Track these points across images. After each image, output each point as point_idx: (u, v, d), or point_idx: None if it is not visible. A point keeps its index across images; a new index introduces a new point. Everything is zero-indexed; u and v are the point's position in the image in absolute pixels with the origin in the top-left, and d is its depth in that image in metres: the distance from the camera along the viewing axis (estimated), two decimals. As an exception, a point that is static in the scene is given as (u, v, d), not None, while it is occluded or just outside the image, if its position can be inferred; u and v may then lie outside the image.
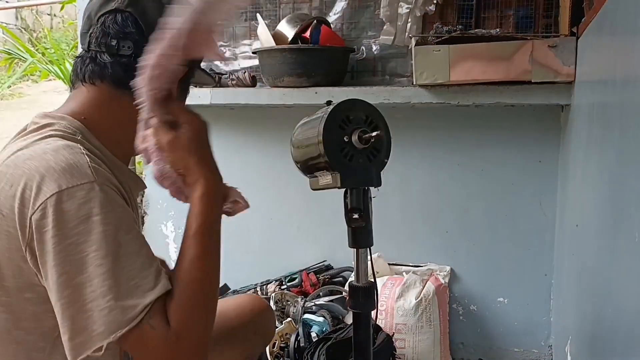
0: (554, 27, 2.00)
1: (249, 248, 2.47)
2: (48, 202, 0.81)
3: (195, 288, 0.87)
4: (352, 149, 1.05)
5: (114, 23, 0.96)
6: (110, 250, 0.81)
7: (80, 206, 0.81)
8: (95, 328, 0.79)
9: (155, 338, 0.81)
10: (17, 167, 0.86)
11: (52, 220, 0.80)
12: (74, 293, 0.80)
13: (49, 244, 0.80)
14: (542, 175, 2.11)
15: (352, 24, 2.31)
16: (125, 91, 0.94)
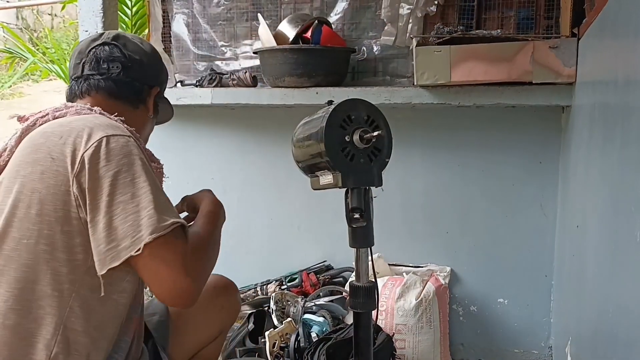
0: (554, 28, 2.01)
1: (249, 248, 2.46)
2: (97, 142, 1.01)
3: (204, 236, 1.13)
4: (354, 148, 1.05)
5: (103, 51, 1.22)
6: (149, 178, 1.01)
7: (123, 146, 1.03)
8: (138, 232, 0.96)
9: (178, 245, 0.99)
10: (64, 126, 1.06)
11: (104, 154, 1.00)
12: (122, 207, 0.97)
13: (101, 171, 0.99)
14: (542, 176, 2.11)
15: (353, 25, 2.31)
16: (117, 101, 1.21)
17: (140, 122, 1.24)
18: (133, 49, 1.25)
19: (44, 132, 1.06)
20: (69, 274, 1.01)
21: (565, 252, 1.89)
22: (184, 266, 0.98)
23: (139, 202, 0.98)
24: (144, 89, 1.26)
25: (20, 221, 1.01)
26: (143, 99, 1.26)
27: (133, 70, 1.23)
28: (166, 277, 0.98)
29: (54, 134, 1.04)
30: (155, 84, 1.29)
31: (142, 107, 1.26)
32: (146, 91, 1.26)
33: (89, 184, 0.99)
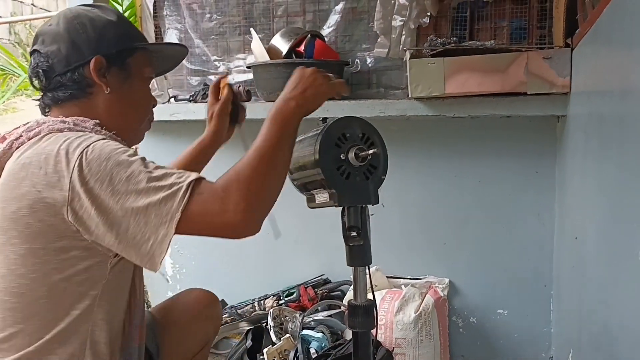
0: (547, 38, 2.01)
1: (247, 263, 2.45)
2: (77, 161, 0.96)
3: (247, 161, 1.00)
4: (349, 166, 1.04)
5: (29, 65, 1.16)
6: (138, 164, 0.97)
7: (101, 150, 0.97)
8: (164, 216, 0.93)
9: (205, 200, 0.95)
10: (40, 154, 1.00)
11: (89, 169, 0.95)
12: (129, 216, 0.94)
13: (95, 185, 0.95)
14: (539, 185, 2.10)
15: (346, 37, 2.31)
16: (69, 104, 1.13)
17: (106, 106, 1.13)
18: (50, 39, 1.13)
19: (23, 164, 1.01)
20: (88, 290, 1.01)
21: (564, 263, 1.88)
22: (222, 203, 0.95)
23: (147, 194, 0.94)
24: (78, 75, 1.11)
25: (23, 257, 0.99)
26: (87, 83, 1.12)
27: (56, 67, 1.12)
28: (216, 228, 0.96)
29: (32, 165, 1.00)
30: (87, 58, 1.11)
31: (95, 90, 1.13)
32: (84, 74, 1.12)
33: (91, 205, 0.95)
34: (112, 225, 0.95)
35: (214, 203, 0.95)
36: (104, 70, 1.12)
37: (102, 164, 0.96)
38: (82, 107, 1.12)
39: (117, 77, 1.14)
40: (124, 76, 1.16)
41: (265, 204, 1.01)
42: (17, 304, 1.00)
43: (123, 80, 1.16)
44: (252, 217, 0.97)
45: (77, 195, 0.95)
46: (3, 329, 1.00)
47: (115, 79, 1.14)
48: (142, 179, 0.95)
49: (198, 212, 0.95)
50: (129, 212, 0.94)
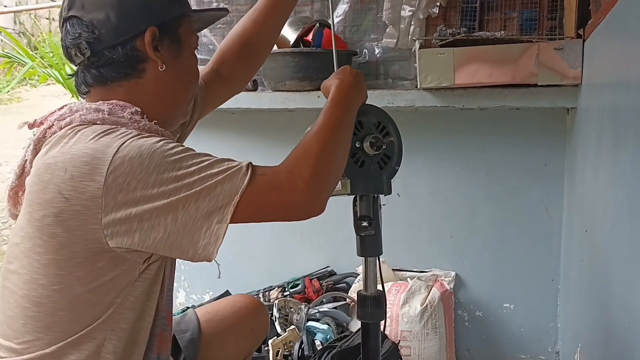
0: (558, 29, 1.98)
1: (252, 254, 2.44)
2: (110, 162, 0.86)
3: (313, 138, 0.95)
4: (364, 155, 1.03)
5: (66, 33, 0.99)
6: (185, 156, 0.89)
7: (138, 147, 0.87)
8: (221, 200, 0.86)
9: (271, 179, 0.89)
10: (65, 153, 0.91)
11: (124, 173, 0.86)
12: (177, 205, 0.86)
13: (135, 185, 0.86)
14: (548, 178, 2.09)
15: (354, 27, 2.28)
16: (115, 84, 1.00)
17: (158, 86, 1.01)
18: (92, 3, 0.97)
19: (47, 165, 0.92)
20: (112, 299, 0.95)
21: (572, 257, 1.86)
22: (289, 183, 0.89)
23: (201, 181, 0.87)
24: (130, 49, 0.98)
25: (46, 268, 0.92)
26: (141, 58, 0.99)
27: (104, 39, 0.97)
28: (283, 208, 0.91)
29: (57, 166, 0.90)
30: (143, 27, 0.97)
31: (148, 67, 1.00)
32: (139, 47, 0.98)
33: (132, 206, 0.87)
34: (157, 221, 0.87)
35: (280, 181, 0.90)
36: (158, 43, 0.99)
37: (144, 162, 0.87)
38: (129, 88, 1.00)
39: (170, 51, 1.01)
40: (176, 49, 1.03)
41: (332, 181, 0.95)
42: (37, 313, 0.94)
43: (176, 55, 1.03)
44: (321, 194, 0.92)
45: (112, 199, 0.87)
46: (23, 334, 0.95)
47: (167, 53, 1.01)
48: (193, 169, 0.88)
49: (262, 194, 0.89)
50: (177, 203, 0.86)
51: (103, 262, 0.91)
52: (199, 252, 0.88)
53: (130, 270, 0.94)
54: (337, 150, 0.96)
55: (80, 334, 0.95)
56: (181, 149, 0.90)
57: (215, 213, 0.87)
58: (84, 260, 0.91)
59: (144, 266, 0.95)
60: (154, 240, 0.88)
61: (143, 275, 0.97)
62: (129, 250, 0.91)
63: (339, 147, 0.97)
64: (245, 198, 0.87)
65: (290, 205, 0.91)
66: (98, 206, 0.87)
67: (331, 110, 1.00)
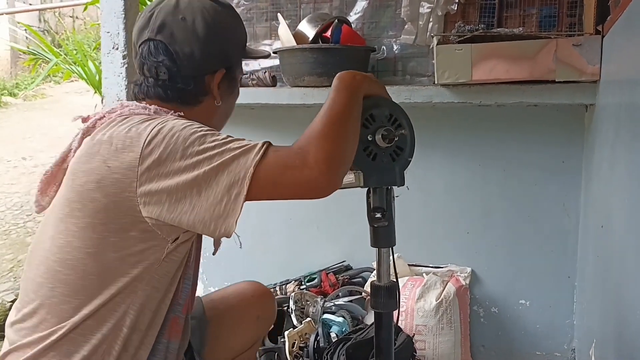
0: (577, 26, 1.97)
1: (268, 248, 2.47)
2: (148, 136, 0.96)
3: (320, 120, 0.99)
4: (376, 147, 1.04)
5: (149, 53, 1.10)
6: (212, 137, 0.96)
7: (172, 125, 0.97)
8: (238, 174, 0.92)
9: (284, 155, 0.94)
10: (112, 131, 1.01)
11: (157, 142, 0.95)
12: (201, 179, 0.93)
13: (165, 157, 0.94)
14: (565, 175, 2.08)
15: (372, 24, 2.30)
16: (173, 104, 1.11)
17: (205, 115, 1.13)
18: (182, 38, 1.09)
19: (97, 140, 1.02)
20: (138, 273, 1.00)
21: (588, 253, 1.85)
22: (301, 159, 0.93)
23: (220, 156, 0.94)
24: (202, 82, 1.12)
25: (83, 231, 0.99)
26: (204, 92, 1.13)
27: (184, 69, 1.09)
28: (295, 185, 0.94)
29: (105, 141, 1.00)
30: (217, 68, 1.12)
31: (206, 100, 1.14)
32: (207, 83, 1.12)
33: (162, 177, 0.95)
34: (184, 194, 0.94)
35: (293, 158, 0.94)
36: (221, 82, 1.13)
37: (174, 136, 0.95)
38: (182, 111, 1.10)
39: (227, 88, 1.16)
40: (231, 86, 1.17)
41: (342, 161, 0.98)
42: (68, 276, 1.00)
43: (230, 91, 1.17)
44: (332, 173, 0.95)
45: (146, 170, 0.95)
46: (51, 297, 1.01)
47: (224, 90, 1.15)
48: (214, 144, 0.94)
49: (275, 168, 0.93)
50: (200, 177, 0.93)
51: (135, 232, 0.98)
52: (219, 226, 0.94)
53: (159, 248, 1.01)
54: (345, 131, 0.99)
55: (105, 307, 1.00)
56: (206, 129, 0.98)
57: (233, 186, 0.92)
58: (118, 227, 0.98)
59: (172, 247, 1.02)
60: (180, 212, 0.95)
61: (170, 257, 1.03)
62: (159, 224, 0.97)
63: (347, 127, 1.00)
64: (259, 172, 0.92)
65: (303, 182, 0.94)
66: (134, 175, 0.95)
67: (333, 95, 1.04)
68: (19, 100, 7.07)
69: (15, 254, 3.48)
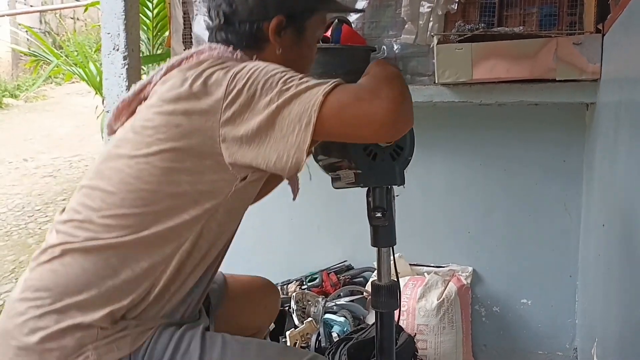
0: (578, 25, 1.97)
1: (270, 248, 2.47)
2: (233, 72, 0.99)
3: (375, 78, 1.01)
4: (375, 147, 1.04)
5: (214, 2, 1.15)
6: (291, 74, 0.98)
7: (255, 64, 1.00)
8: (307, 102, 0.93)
9: (354, 89, 0.96)
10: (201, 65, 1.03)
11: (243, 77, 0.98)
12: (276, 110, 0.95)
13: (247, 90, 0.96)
14: (566, 174, 2.08)
15: (373, 23, 2.30)
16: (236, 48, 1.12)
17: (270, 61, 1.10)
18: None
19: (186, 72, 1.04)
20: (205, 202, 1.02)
21: (590, 252, 1.85)
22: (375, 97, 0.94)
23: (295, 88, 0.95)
24: (257, 29, 1.12)
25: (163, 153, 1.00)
26: (262, 38, 1.13)
27: (239, 13, 1.12)
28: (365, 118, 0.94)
29: (194, 75, 1.02)
30: (273, 15, 1.12)
31: (267, 46, 1.14)
32: (262, 30, 1.12)
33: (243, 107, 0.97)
34: (260, 135, 0.96)
35: (364, 92, 0.95)
36: (281, 29, 1.12)
37: (253, 71, 0.98)
38: (248, 57, 1.12)
39: (291, 38, 1.15)
40: (297, 38, 1.16)
41: (410, 103, 1.00)
42: (141, 190, 1.01)
43: (296, 42, 1.16)
44: (402, 108, 0.95)
45: (230, 104, 0.97)
46: (119, 207, 1.01)
47: (288, 40, 1.14)
48: (293, 80, 0.96)
49: (345, 98, 0.94)
50: (275, 108, 0.94)
51: (210, 161, 1.00)
52: (291, 156, 0.95)
53: (228, 182, 1.02)
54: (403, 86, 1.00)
55: (168, 227, 1.01)
56: (286, 67, 1.01)
57: (303, 115, 0.93)
58: (196, 154, 1.00)
59: (240, 185, 1.03)
60: (257, 152, 0.97)
61: (237, 195, 1.04)
62: (232, 163, 1.00)
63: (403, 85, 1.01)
64: (328, 101, 0.93)
65: (371, 114, 0.93)
66: (219, 108, 0.98)
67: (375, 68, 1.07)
68: (20, 101, 7.09)
69: (17, 256, 3.49)
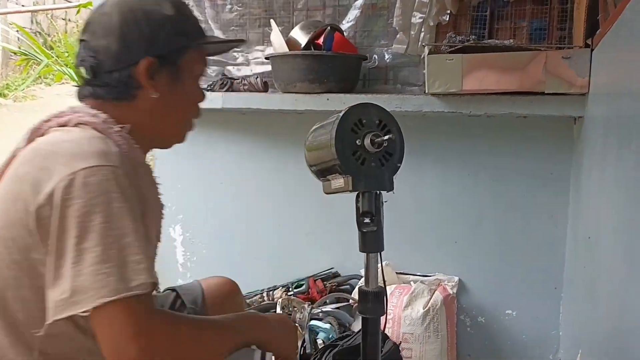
0: (567, 40, 2.00)
1: (257, 253, 2.46)
2: (77, 174, 0.88)
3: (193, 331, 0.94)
4: (365, 152, 1.04)
5: (78, 54, 1.08)
6: (121, 226, 0.87)
7: (101, 181, 0.88)
8: (91, 289, 0.83)
9: (138, 312, 0.85)
10: (52, 145, 0.96)
11: (78, 189, 0.87)
12: (80, 255, 0.85)
13: (70, 209, 0.86)
14: (553, 187, 2.10)
15: (365, 32, 2.31)
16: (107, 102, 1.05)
17: (148, 109, 1.06)
18: (101, 31, 1.04)
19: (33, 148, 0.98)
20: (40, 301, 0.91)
21: (576, 264, 1.87)
22: (135, 335, 0.84)
23: (100, 254, 0.84)
24: (125, 76, 1.04)
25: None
26: (133, 85, 1.05)
27: (105, 63, 1.04)
28: (111, 342, 0.85)
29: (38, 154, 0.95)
30: (137, 58, 1.03)
31: (140, 93, 1.05)
32: (132, 76, 1.04)
33: (53, 222, 0.87)
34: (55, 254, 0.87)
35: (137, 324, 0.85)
36: (154, 71, 1.04)
37: (92, 194, 0.87)
38: (122, 108, 1.05)
39: (167, 79, 1.07)
40: (173, 77, 1.08)
41: None
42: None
43: (172, 82, 1.08)
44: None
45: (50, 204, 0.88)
46: None
47: (164, 81, 1.06)
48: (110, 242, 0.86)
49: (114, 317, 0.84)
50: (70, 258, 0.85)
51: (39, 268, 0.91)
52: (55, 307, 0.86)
53: None
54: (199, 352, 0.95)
55: None
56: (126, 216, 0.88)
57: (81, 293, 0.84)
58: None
59: None
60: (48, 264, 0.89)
61: None
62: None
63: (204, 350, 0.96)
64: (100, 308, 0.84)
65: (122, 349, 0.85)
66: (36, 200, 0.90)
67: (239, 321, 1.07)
68: (9, 100, 7.02)
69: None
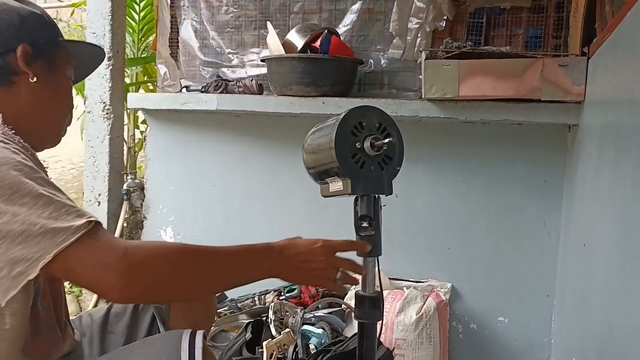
0: (563, 48, 2.01)
1: (249, 257, 2.44)
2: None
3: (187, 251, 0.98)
4: (364, 155, 1.04)
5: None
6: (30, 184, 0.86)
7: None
8: (33, 253, 0.82)
9: (100, 247, 0.85)
10: None
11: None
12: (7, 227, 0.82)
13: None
14: (546, 194, 2.10)
15: (361, 37, 2.31)
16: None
17: (29, 97, 1.07)
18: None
19: None
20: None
21: (568, 272, 1.87)
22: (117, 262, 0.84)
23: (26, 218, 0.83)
24: (3, 62, 1.04)
25: None
26: (11, 71, 1.05)
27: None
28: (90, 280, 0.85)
29: None
30: (12, 45, 1.05)
31: (19, 80, 1.06)
32: (9, 62, 1.05)
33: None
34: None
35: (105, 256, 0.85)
36: (30, 59, 1.06)
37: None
38: (1, 96, 1.05)
39: (44, 68, 1.09)
40: (50, 69, 1.10)
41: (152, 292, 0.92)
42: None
43: (50, 73, 1.10)
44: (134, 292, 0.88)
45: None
46: None
47: (41, 70, 1.08)
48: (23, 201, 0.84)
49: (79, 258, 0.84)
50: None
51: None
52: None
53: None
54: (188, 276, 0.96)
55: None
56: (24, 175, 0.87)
57: (20, 263, 0.83)
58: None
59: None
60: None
61: None
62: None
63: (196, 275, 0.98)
64: (58, 258, 0.83)
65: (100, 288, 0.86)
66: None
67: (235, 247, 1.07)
68: None
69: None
